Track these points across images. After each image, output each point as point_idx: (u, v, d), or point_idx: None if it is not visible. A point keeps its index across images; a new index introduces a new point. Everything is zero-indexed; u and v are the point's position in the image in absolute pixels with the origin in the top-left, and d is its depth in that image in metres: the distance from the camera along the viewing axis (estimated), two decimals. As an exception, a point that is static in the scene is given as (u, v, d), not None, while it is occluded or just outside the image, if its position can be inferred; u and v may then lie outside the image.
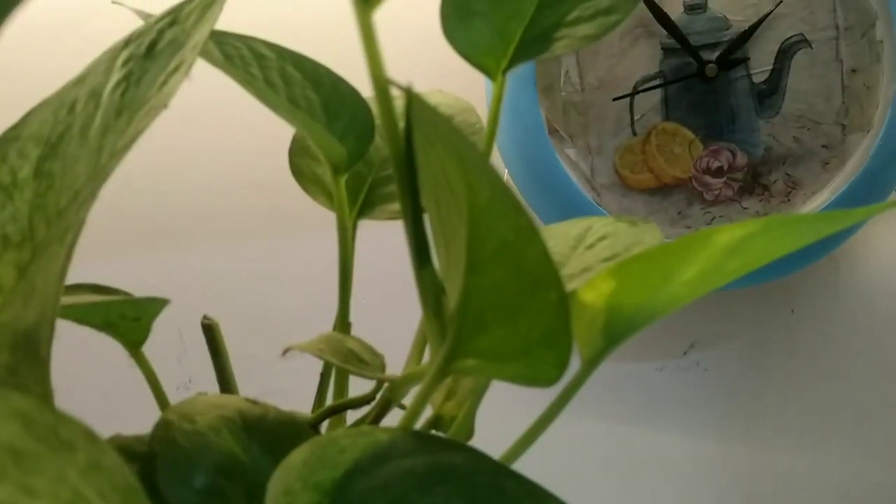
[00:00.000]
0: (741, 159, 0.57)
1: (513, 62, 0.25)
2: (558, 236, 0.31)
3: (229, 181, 0.63)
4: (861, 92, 0.56)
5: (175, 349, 0.67)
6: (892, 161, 0.55)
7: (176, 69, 0.23)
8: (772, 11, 0.55)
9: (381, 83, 0.19)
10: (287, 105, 0.25)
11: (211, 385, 0.71)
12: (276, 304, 0.68)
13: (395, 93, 0.23)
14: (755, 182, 0.57)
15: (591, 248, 0.29)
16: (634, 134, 0.57)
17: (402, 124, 0.20)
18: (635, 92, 0.56)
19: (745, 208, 0.58)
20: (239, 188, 0.63)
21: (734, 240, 0.22)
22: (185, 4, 0.26)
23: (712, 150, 0.57)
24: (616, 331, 0.24)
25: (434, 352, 0.24)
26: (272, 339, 0.50)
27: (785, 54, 0.56)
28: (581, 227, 0.31)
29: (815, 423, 0.62)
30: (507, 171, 0.58)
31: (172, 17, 0.25)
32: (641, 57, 0.56)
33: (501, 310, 0.21)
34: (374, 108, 0.24)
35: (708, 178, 0.57)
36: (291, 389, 0.33)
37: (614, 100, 0.56)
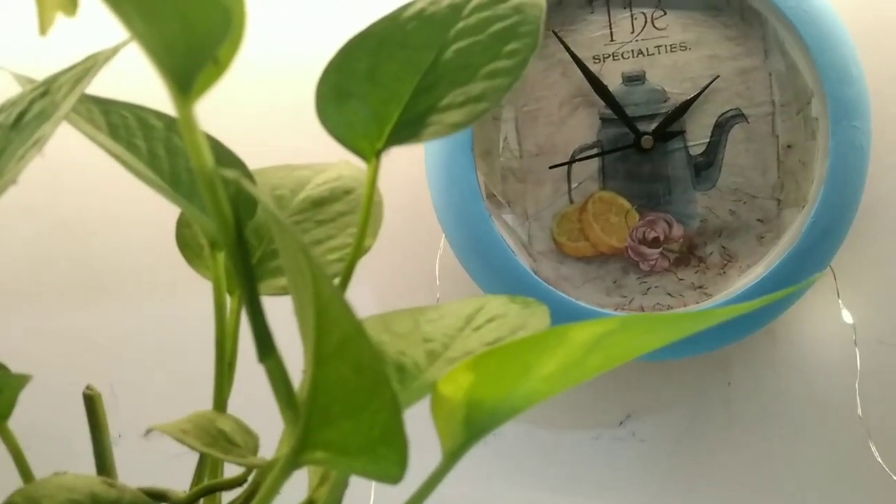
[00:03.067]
0: (677, 230, 0.57)
1: (387, 145, 0.25)
2: (451, 315, 0.31)
3: (168, 236, 0.63)
4: (796, 167, 0.56)
5: (107, 403, 0.66)
6: (825, 237, 0.55)
7: (35, 143, 0.23)
8: (708, 85, 0.56)
9: (207, 173, 0.19)
10: (159, 182, 0.25)
11: (143, 440, 0.69)
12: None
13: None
14: (691, 253, 0.57)
15: (477, 331, 0.29)
16: (571, 202, 0.57)
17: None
18: (572, 160, 0.57)
19: (681, 279, 0.58)
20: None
21: (592, 337, 0.22)
22: (60, 74, 0.25)
23: (648, 221, 0.57)
24: (477, 425, 0.23)
25: (288, 441, 0.23)
26: (209, 393, 0.49)
27: (722, 128, 0.56)
28: (474, 306, 0.31)
29: (751, 496, 0.61)
30: (443, 235, 0.58)
31: (45, 88, 0.25)
32: (580, 126, 0.57)
33: (346, 404, 0.21)
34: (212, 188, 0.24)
35: (644, 249, 0.57)
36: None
37: (551, 168, 0.57)
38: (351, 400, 0.20)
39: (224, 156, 0.28)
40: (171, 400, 0.65)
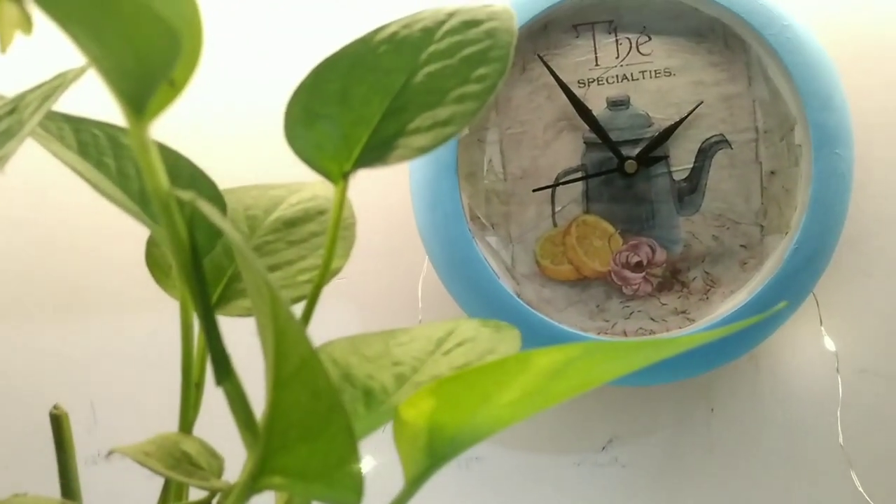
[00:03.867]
0: (660, 255, 0.57)
1: (355, 167, 0.25)
2: (421, 338, 0.30)
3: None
4: (780, 194, 0.56)
5: (85, 420, 0.65)
6: (807, 264, 0.55)
7: (-1, 160, 0.23)
8: (692, 111, 0.56)
9: (162, 195, 0.19)
10: (126, 201, 0.25)
11: (120, 460, 0.68)
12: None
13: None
14: (674, 278, 0.57)
15: (447, 354, 0.29)
16: (555, 225, 0.57)
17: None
18: (556, 184, 0.57)
19: (664, 304, 0.57)
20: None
21: (555, 363, 0.21)
22: (28, 93, 0.25)
23: (632, 245, 0.57)
24: (439, 450, 0.23)
25: (248, 465, 0.23)
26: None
27: (705, 153, 0.57)
28: (445, 329, 0.30)
29: (733, 526, 0.61)
30: (427, 257, 0.58)
31: (13, 105, 0.25)
32: (564, 149, 0.57)
33: (304, 429, 0.20)
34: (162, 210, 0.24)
35: (627, 273, 0.57)
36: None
37: (535, 190, 0.57)
38: (308, 424, 0.20)
39: (194, 175, 0.28)
40: (152, 418, 0.64)
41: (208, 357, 0.29)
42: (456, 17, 0.27)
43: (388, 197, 0.60)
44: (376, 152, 0.24)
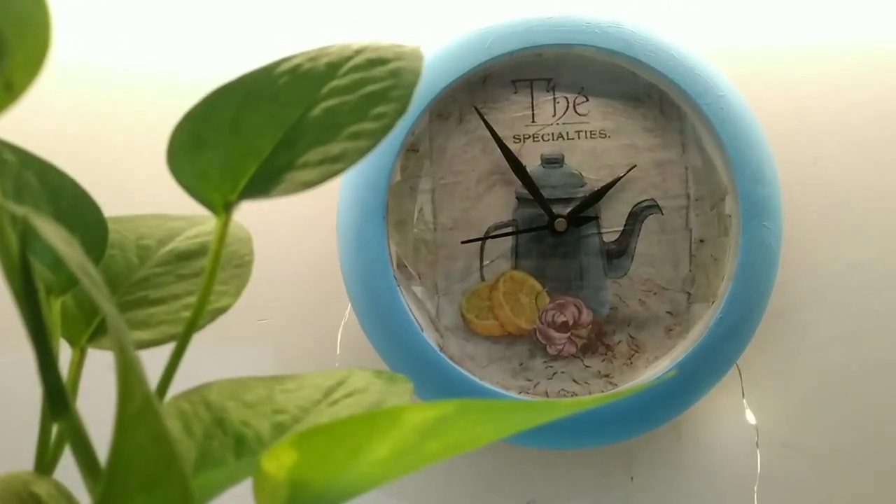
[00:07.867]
0: (587, 316, 0.56)
1: (239, 199, 0.24)
2: (310, 386, 0.29)
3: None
4: (708, 262, 0.56)
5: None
6: (731, 334, 0.55)
7: None
8: (625, 174, 0.56)
9: (-7, 211, 0.17)
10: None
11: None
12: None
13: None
14: (599, 341, 0.57)
15: (333, 405, 0.27)
16: (483, 279, 0.56)
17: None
18: (486, 237, 0.56)
19: (588, 367, 0.57)
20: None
21: (427, 420, 0.20)
22: None
23: (558, 304, 0.56)
24: (301, 508, 0.21)
25: (89, 513, 0.21)
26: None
27: (636, 217, 0.56)
28: (336, 378, 0.29)
29: None
30: (350, 303, 0.57)
31: None
32: (496, 203, 0.56)
33: (144, 476, 0.19)
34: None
35: (552, 332, 0.56)
36: None
37: (463, 242, 0.56)
38: (148, 472, 0.18)
39: (77, 198, 0.27)
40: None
41: (72, 393, 0.27)
42: (363, 55, 0.26)
43: (315, 237, 0.59)
44: (262, 184, 0.23)
